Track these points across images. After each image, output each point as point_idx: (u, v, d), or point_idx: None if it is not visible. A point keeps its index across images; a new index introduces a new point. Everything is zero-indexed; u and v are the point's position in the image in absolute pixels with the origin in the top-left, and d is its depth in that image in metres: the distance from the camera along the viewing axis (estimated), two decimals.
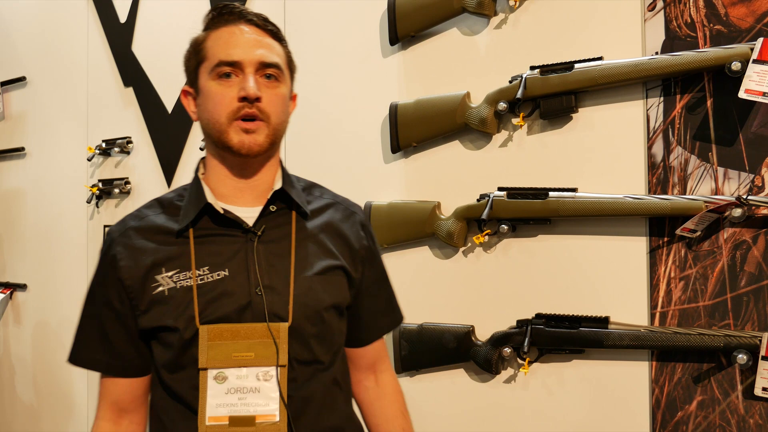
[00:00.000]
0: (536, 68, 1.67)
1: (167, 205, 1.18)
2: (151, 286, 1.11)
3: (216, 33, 1.13)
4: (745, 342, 1.43)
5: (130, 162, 2.67)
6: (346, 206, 1.25)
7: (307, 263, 1.14)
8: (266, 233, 1.13)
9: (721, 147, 1.51)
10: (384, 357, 1.32)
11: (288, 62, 1.17)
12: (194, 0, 2.44)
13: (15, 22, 3.13)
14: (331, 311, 1.15)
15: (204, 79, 1.12)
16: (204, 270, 1.10)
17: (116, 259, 1.13)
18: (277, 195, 1.15)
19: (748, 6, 1.48)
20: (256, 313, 1.09)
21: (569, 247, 1.68)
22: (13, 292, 3.11)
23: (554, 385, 1.68)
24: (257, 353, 1.07)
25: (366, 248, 1.23)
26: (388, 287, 1.32)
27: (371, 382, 1.30)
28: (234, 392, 1.08)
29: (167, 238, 1.13)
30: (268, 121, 1.10)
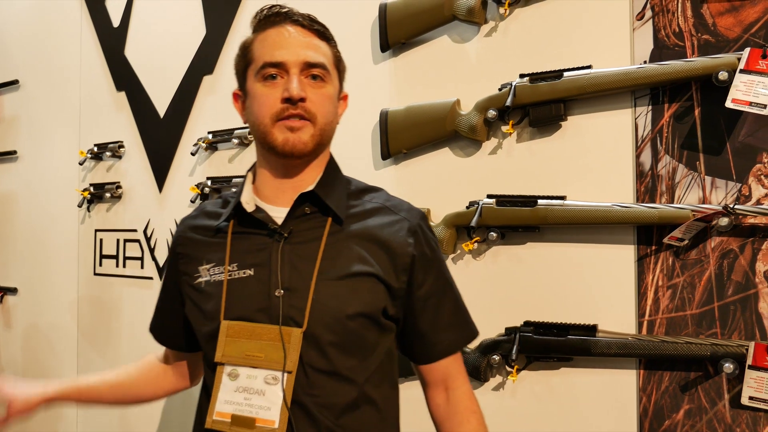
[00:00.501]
0: (525, 76, 1.68)
1: (225, 200, 1.24)
2: (194, 276, 1.17)
3: (262, 35, 1.14)
4: (732, 351, 1.43)
5: (122, 166, 2.66)
6: (395, 211, 1.19)
7: (334, 268, 1.11)
8: (295, 235, 1.12)
9: (708, 156, 1.51)
10: (456, 375, 1.23)
11: (336, 62, 1.16)
12: (187, 4, 2.44)
13: (8, 25, 3.13)
14: (359, 320, 1.10)
15: (251, 82, 1.13)
16: (234, 267, 1.13)
17: (176, 245, 1.25)
18: (310, 197, 1.14)
19: (736, 16, 1.49)
20: (272, 315, 1.08)
21: (558, 255, 1.68)
22: (4, 296, 3.10)
23: (543, 392, 1.68)
24: (267, 355, 1.07)
25: (412, 256, 1.14)
26: (453, 299, 1.23)
27: (442, 399, 1.23)
28: (242, 391, 1.08)
29: (212, 233, 1.19)
30: (314, 121, 1.10)
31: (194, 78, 2.42)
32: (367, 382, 1.12)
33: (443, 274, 1.21)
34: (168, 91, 2.51)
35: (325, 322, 1.08)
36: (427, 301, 1.17)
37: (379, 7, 1.92)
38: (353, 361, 1.10)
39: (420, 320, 1.18)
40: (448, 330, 1.21)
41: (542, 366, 1.68)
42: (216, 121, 2.34)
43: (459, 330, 1.23)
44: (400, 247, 1.14)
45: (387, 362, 1.17)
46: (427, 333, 1.19)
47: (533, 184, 1.71)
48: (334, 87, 1.15)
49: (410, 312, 1.17)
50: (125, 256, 2.63)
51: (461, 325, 1.24)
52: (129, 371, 1.38)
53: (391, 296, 1.13)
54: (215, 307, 1.12)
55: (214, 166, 2.36)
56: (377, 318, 1.12)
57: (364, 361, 1.12)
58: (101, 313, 2.71)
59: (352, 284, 1.10)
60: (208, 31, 2.39)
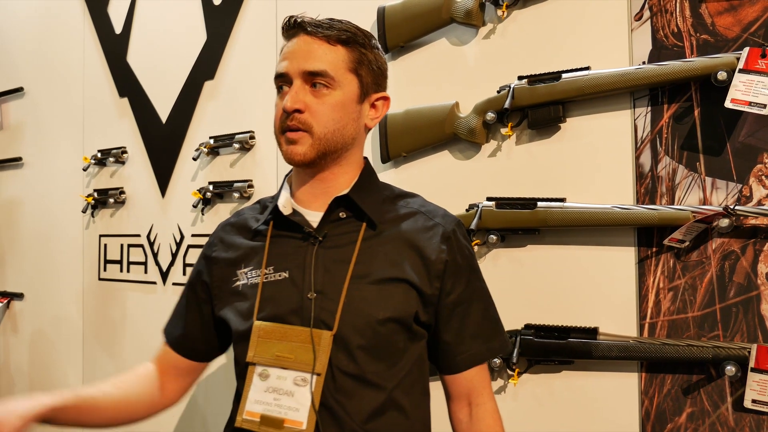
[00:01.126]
0: (524, 78, 1.67)
1: (263, 205, 1.27)
2: (232, 279, 1.19)
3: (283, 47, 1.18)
4: (734, 353, 1.42)
5: (125, 172, 2.68)
6: (429, 217, 1.18)
7: (367, 272, 1.11)
8: (330, 239, 1.14)
9: (708, 157, 1.50)
10: (482, 389, 1.21)
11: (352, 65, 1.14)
12: (187, 10, 2.45)
13: (12, 33, 3.16)
14: (390, 325, 1.10)
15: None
16: (270, 269, 1.15)
17: (212, 250, 1.25)
18: (345, 202, 1.15)
19: (735, 15, 1.47)
20: (304, 317, 1.10)
21: (558, 257, 1.67)
22: (11, 301, 3.12)
23: (544, 396, 1.67)
24: (297, 357, 1.08)
25: (446, 262, 1.14)
26: (485, 309, 1.21)
27: (464, 415, 1.21)
28: (272, 391, 1.09)
29: (250, 236, 1.21)
30: (310, 132, 1.10)
31: (195, 83, 2.43)
32: (397, 388, 1.12)
33: (474, 282, 1.20)
34: (170, 96, 2.52)
35: (355, 325, 1.08)
36: (454, 309, 1.16)
37: (377, 11, 1.91)
38: (381, 366, 1.10)
39: (446, 327, 1.17)
40: (474, 340, 1.19)
41: (543, 369, 1.67)
42: (217, 126, 2.35)
43: (486, 341, 1.20)
44: (434, 254, 1.14)
45: (417, 369, 1.16)
46: (453, 341, 1.18)
47: (533, 187, 1.70)
48: (344, 93, 1.13)
49: (438, 319, 1.16)
50: (129, 261, 2.64)
51: (489, 335, 1.21)
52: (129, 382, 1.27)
53: (424, 302, 1.13)
54: (249, 309, 1.14)
55: (216, 171, 2.37)
56: (408, 324, 1.12)
57: (393, 367, 1.11)
58: (106, 318, 2.72)
59: (385, 289, 1.11)
60: (209, 37, 2.39)
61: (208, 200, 2.31)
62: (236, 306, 1.17)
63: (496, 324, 1.23)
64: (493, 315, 1.23)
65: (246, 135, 2.22)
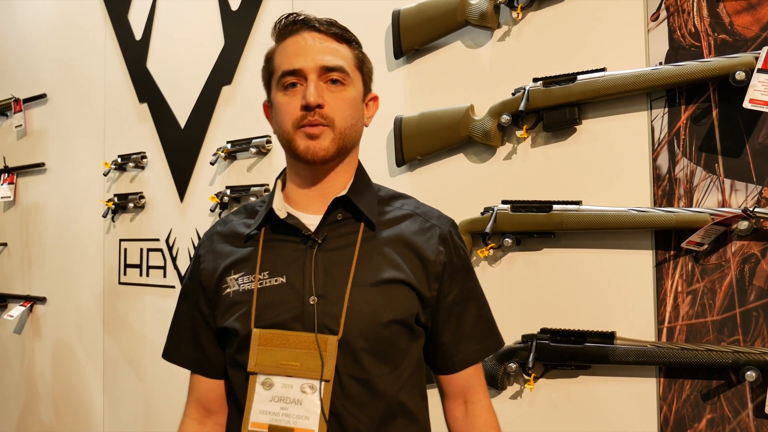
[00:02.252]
0: (539, 80, 1.66)
1: (250, 210, 1.22)
2: (222, 287, 1.14)
3: (282, 45, 1.14)
4: (755, 359, 1.39)
5: (145, 177, 2.70)
6: (426, 218, 1.17)
7: (368, 275, 1.09)
8: (329, 241, 1.11)
9: (727, 158, 1.47)
10: (477, 387, 1.20)
11: (358, 64, 1.15)
12: (206, 16, 2.48)
13: (36, 41, 3.21)
14: (393, 327, 1.08)
15: (274, 92, 1.13)
16: (264, 275, 1.11)
17: (200, 261, 1.20)
18: (343, 203, 1.13)
19: (753, 15, 1.45)
20: (307, 322, 1.06)
21: (574, 261, 1.65)
22: (33, 305, 3.16)
23: (561, 401, 1.66)
24: (303, 364, 1.05)
25: (444, 264, 1.13)
26: (479, 309, 1.20)
27: (460, 412, 1.20)
28: (278, 401, 1.06)
29: (240, 242, 1.17)
30: (332, 126, 1.08)
31: (213, 88, 2.45)
32: (402, 392, 1.10)
33: (470, 282, 1.19)
34: (188, 101, 2.54)
35: (360, 329, 1.06)
36: (452, 310, 1.16)
37: (392, 14, 1.91)
38: (386, 369, 1.08)
39: (443, 328, 1.16)
40: (471, 340, 1.18)
41: (560, 374, 1.65)
42: (235, 131, 2.37)
43: (481, 340, 1.20)
44: (433, 255, 1.13)
45: (417, 371, 1.15)
46: (449, 342, 1.16)
47: (548, 189, 1.68)
48: (356, 89, 1.13)
49: (436, 320, 1.15)
50: (149, 265, 2.67)
51: (484, 335, 1.20)
52: None
53: (423, 304, 1.12)
54: (245, 316, 1.10)
55: (233, 175, 2.38)
56: (410, 325, 1.11)
57: (396, 369, 1.10)
58: (126, 323, 2.74)
59: (387, 291, 1.09)
60: (227, 43, 2.41)
61: (225, 204, 2.33)
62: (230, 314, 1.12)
63: (491, 323, 1.22)
64: (487, 314, 1.22)
65: (262, 139, 2.24)
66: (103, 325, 2.85)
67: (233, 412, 1.15)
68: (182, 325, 1.23)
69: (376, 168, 1.99)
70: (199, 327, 1.19)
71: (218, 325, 1.15)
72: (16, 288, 3.26)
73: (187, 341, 1.21)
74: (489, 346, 1.21)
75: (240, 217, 1.22)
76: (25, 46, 3.27)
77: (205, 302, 1.18)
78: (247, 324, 1.09)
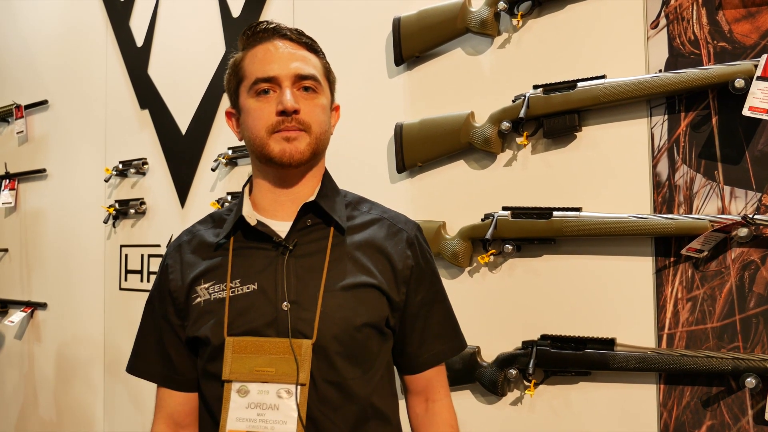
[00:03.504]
0: (539, 87, 1.66)
1: (217, 219, 1.22)
2: (191, 297, 1.14)
3: (252, 51, 1.14)
4: (755, 365, 1.39)
5: (146, 183, 2.71)
6: (394, 222, 1.19)
7: (340, 279, 1.10)
8: (300, 247, 1.12)
9: (727, 165, 1.48)
10: (438, 387, 1.23)
11: (326, 73, 1.17)
12: (207, 23, 2.49)
13: (37, 47, 3.22)
14: (365, 330, 1.10)
15: (244, 98, 1.13)
16: (236, 283, 1.11)
17: (167, 272, 1.19)
18: (312, 208, 1.14)
19: (752, 23, 1.46)
20: (280, 328, 1.07)
21: (574, 267, 1.65)
22: (34, 311, 3.16)
23: (561, 407, 1.66)
24: (278, 369, 1.06)
25: (411, 268, 1.16)
26: (444, 310, 1.23)
27: (421, 409, 1.23)
28: (254, 407, 1.07)
29: (209, 251, 1.16)
30: (309, 131, 1.10)
31: (214, 95, 2.46)
32: (374, 394, 1.12)
33: (435, 285, 1.22)
34: (189, 108, 2.55)
35: (333, 333, 1.08)
36: (418, 312, 1.18)
37: (393, 22, 1.92)
38: (359, 372, 1.10)
39: (410, 330, 1.18)
40: (436, 341, 1.20)
41: (560, 380, 1.65)
42: (235, 138, 2.36)
43: (446, 341, 1.23)
44: (401, 260, 1.15)
45: (387, 373, 1.17)
46: (416, 343, 1.19)
47: (548, 196, 1.69)
48: (326, 97, 1.16)
49: (403, 322, 1.17)
50: (149, 271, 2.67)
51: (449, 336, 1.23)
52: None
53: (392, 307, 1.14)
54: (218, 325, 1.10)
55: (234, 182, 2.39)
56: (381, 328, 1.13)
57: (369, 371, 1.12)
58: (127, 328, 2.74)
59: (358, 295, 1.11)
60: (228, 49, 2.42)
61: None
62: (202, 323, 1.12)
63: (455, 325, 1.25)
64: (451, 316, 1.25)
65: None
66: (104, 331, 2.85)
67: (207, 422, 1.15)
68: (149, 338, 1.22)
69: (377, 174, 1.99)
70: (167, 339, 1.18)
71: (189, 334, 1.14)
72: (17, 294, 3.27)
73: (154, 354, 1.20)
74: (453, 347, 1.24)
75: (207, 226, 1.22)
76: (26, 52, 3.28)
77: (174, 312, 1.17)
78: (219, 333, 1.09)
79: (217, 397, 1.10)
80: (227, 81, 1.19)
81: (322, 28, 2.14)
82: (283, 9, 2.26)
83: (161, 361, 1.19)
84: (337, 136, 2.08)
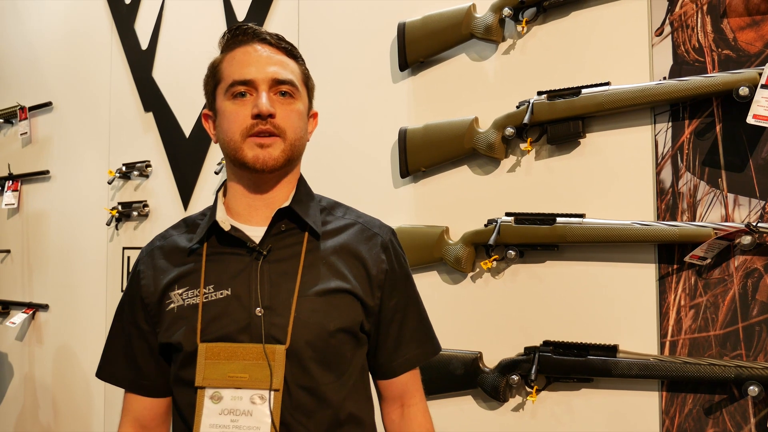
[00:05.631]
0: (543, 93, 1.67)
1: (190, 224, 1.21)
2: (165, 303, 1.13)
3: (230, 54, 1.14)
4: (758, 373, 1.39)
5: (149, 185, 2.71)
6: (368, 227, 1.19)
7: (314, 285, 1.10)
8: (274, 252, 1.12)
9: (730, 173, 1.48)
10: (414, 391, 1.23)
11: (304, 79, 1.17)
12: (211, 27, 2.49)
13: (42, 49, 3.23)
14: (339, 336, 1.10)
15: (220, 100, 1.13)
16: (209, 288, 1.11)
17: (140, 278, 1.18)
18: (287, 213, 1.14)
19: (757, 31, 1.46)
20: (254, 334, 1.07)
21: (577, 274, 1.65)
22: (36, 312, 3.16)
23: (563, 414, 1.65)
24: (252, 375, 1.06)
25: (386, 272, 1.16)
26: (418, 315, 1.23)
27: (397, 415, 1.22)
28: (228, 413, 1.06)
29: (183, 257, 1.16)
30: (283, 137, 1.10)
31: None
32: (348, 399, 1.12)
33: (409, 289, 1.22)
34: (193, 111, 2.55)
35: (307, 338, 1.08)
36: (393, 317, 1.18)
37: (397, 27, 1.93)
38: (332, 377, 1.10)
39: (385, 335, 1.18)
40: (410, 345, 1.20)
41: (562, 387, 1.65)
42: None
43: (421, 345, 1.22)
44: (375, 264, 1.15)
45: (361, 378, 1.17)
46: (391, 347, 1.19)
47: (552, 202, 1.69)
48: (303, 103, 1.15)
49: (378, 327, 1.17)
50: None
51: (423, 340, 1.23)
52: None
53: (366, 312, 1.14)
54: (191, 330, 1.10)
55: None
56: (356, 333, 1.13)
57: (342, 376, 1.12)
58: None
59: (332, 301, 1.11)
60: None
61: None
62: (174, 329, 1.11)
63: (429, 328, 1.25)
64: (426, 320, 1.24)
65: None
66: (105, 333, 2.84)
67: (180, 428, 1.14)
68: (117, 343, 1.21)
69: (380, 179, 2.00)
70: (135, 345, 1.18)
71: (161, 341, 1.14)
72: (18, 295, 3.27)
73: (122, 360, 1.20)
74: (428, 350, 1.23)
75: (180, 231, 1.21)
76: (31, 54, 3.29)
77: (144, 318, 1.16)
78: (192, 339, 1.09)
79: (190, 404, 1.09)
80: (205, 83, 1.19)
81: (327, 33, 2.15)
82: (288, 13, 2.26)
83: (129, 366, 1.19)
84: (341, 140, 2.10)
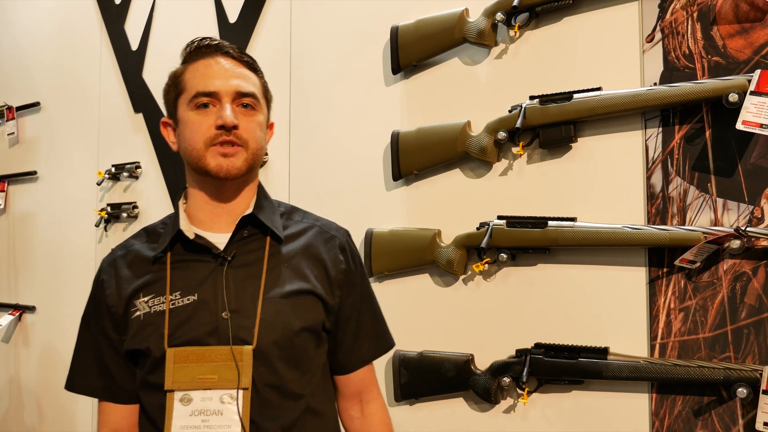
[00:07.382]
0: (535, 98, 1.68)
1: (151, 233, 1.24)
2: (130, 311, 1.16)
3: (193, 65, 1.18)
4: (746, 375, 1.41)
5: (139, 186, 2.70)
6: (326, 230, 1.25)
7: (278, 287, 1.15)
8: (238, 258, 1.16)
9: (720, 178, 1.50)
10: (371, 386, 1.30)
11: (264, 92, 1.22)
12: (203, 29, 2.49)
13: (30, 48, 3.20)
14: (303, 335, 1.15)
15: (183, 110, 1.16)
16: (176, 295, 1.14)
17: (104, 287, 1.20)
18: (250, 220, 1.18)
19: (746, 38, 1.48)
20: (222, 336, 1.11)
21: (569, 277, 1.67)
22: (22, 314, 3.13)
23: (553, 415, 1.67)
24: (221, 376, 1.09)
25: (344, 272, 1.22)
26: (373, 312, 1.30)
27: (357, 412, 1.28)
28: (198, 414, 1.10)
29: (146, 266, 1.18)
30: (246, 147, 1.14)
31: None
32: (312, 396, 1.17)
33: (365, 287, 1.28)
34: None
35: (273, 338, 1.12)
36: (351, 314, 1.24)
37: (390, 30, 1.94)
38: (297, 374, 1.15)
39: (343, 331, 1.23)
40: (366, 340, 1.27)
41: (553, 389, 1.67)
42: None
43: (376, 340, 1.29)
44: (334, 265, 1.21)
45: (323, 375, 1.22)
46: (348, 343, 1.24)
47: (544, 206, 1.70)
48: (263, 115, 1.20)
49: (336, 323, 1.22)
50: None
51: (378, 335, 1.30)
52: None
53: (327, 311, 1.19)
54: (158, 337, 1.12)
55: None
56: (318, 331, 1.18)
57: (306, 373, 1.16)
58: None
59: (296, 302, 1.15)
60: None
61: None
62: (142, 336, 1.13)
63: (383, 324, 1.32)
64: (380, 316, 1.31)
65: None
66: None
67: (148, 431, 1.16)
68: (87, 353, 1.22)
69: (373, 182, 2.00)
70: (105, 353, 1.19)
71: (128, 347, 1.16)
72: (5, 296, 3.23)
73: (94, 369, 1.21)
74: (383, 345, 1.31)
75: (141, 240, 1.24)
76: (19, 53, 3.26)
77: (112, 327, 1.18)
78: (160, 344, 1.12)
79: (159, 406, 1.12)
80: (165, 92, 1.21)
81: (320, 36, 2.15)
82: (280, 15, 2.26)
83: (101, 375, 1.20)
84: (333, 142, 2.10)
